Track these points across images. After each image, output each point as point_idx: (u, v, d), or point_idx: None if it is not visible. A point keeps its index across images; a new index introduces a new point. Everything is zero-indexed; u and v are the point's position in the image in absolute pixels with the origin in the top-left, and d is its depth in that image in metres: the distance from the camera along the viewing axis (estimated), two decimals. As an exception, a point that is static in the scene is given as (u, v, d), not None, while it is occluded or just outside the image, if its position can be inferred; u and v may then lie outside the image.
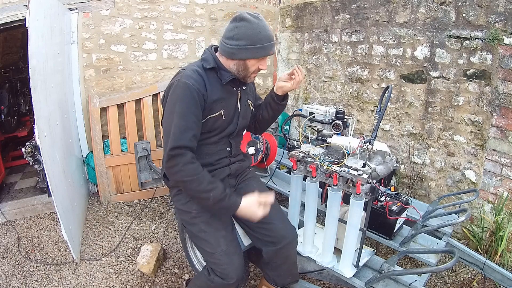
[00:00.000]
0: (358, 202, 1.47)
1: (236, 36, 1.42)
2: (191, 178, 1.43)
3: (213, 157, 1.60)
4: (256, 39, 1.41)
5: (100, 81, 3.19)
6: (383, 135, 3.00)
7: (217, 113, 1.52)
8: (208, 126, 1.52)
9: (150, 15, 3.24)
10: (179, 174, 1.43)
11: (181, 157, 1.42)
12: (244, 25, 1.41)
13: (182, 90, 1.42)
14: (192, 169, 1.43)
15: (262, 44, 1.42)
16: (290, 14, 3.74)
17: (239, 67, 1.49)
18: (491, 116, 2.27)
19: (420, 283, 1.58)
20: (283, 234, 1.60)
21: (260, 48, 1.43)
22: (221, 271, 1.52)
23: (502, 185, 2.27)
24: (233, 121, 1.60)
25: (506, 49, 2.13)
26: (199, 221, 1.58)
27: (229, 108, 1.57)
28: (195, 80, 1.44)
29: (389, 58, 2.82)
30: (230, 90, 1.56)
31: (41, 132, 2.00)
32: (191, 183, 1.43)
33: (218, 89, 1.52)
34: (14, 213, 2.94)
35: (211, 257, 1.56)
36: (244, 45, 1.41)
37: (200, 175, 1.44)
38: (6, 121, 3.85)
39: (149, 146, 3.11)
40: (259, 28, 1.41)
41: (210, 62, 1.51)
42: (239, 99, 1.61)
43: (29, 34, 1.94)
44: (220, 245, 1.53)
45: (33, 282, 2.16)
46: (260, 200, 1.48)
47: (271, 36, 1.46)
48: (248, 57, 1.45)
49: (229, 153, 1.65)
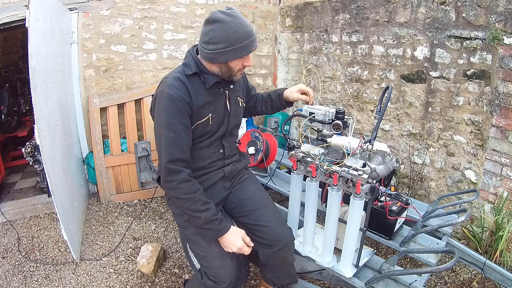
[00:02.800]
0: (358, 202, 1.47)
1: (213, 40, 1.35)
2: (186, 196, 1.42)
3: (206, 161, 1.58)
4: (234, 40, 1.34)
5: (100, 81, 3.19)
6: (383, 135, 3.00)
7: (205, 118, 1.49)
8: (198, 132, 1.50)
9: (150, 15, 3.24)
10: (174, 191, 1.43)
11: (177, 174, 1.40)
12: (219, 27, 1.34)
13: (165, 101, 1.39)
14: (188, 187, 1.42)
15: (241, 43, 1.36)
16: (290, 14, 3.74)
17: (222, 69, 1.45)
18: (491, 116, 2.27)
19: (420, 283, 1.58)
20: (280, 237, 1.58)
21: (240, 48, 1.37)
22: (214, 275, 1.51)
23: (502, 185, 2.27)
24: (223, 123, 1.57)
25: (506, 49, 2.13)
26: (191, 224, 1.57)
27: (218, 111, 1.54)
28: (177, 88, 1.40)
29: (389, 58, 2.82)
30: (216, 92, 1.53)
31: (41, 132, 2.00)
32: (186, 201, 1.43)
33: (203, 94, 1.48)
34: (14, 213, 2.93)
35: (203, 260, 1.55)
36: (222, 48, 1.35)
37: (195, 194, 1.43)
38: (6, 121, 3.84)
39: (149, 146, 3.11)
40: (235, 27, 1.34)
41: (191, 67, 1.46)
42: (227, 99, 1.57)
43: (29, 34, 1.94)
44: (212, 248, 1.52)
45: (33, 282, 2.16)
46: (245, 238, 1.50)
47: (250, 31, 1.38)
48: (229, 59, 1.39)
49: (223, 155, 1.63)
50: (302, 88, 1.72)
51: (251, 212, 1.62)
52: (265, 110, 1.86)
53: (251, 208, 1.63)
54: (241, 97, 1.68)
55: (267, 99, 1.83)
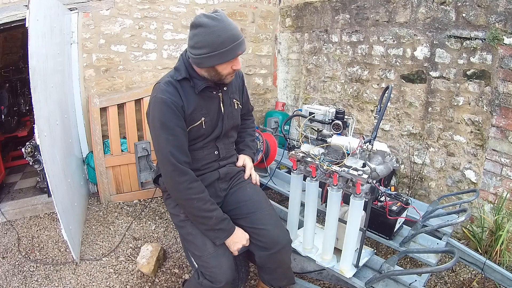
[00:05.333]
0: (358, 202, 1.47)
1: (197, 45, 1.35)
2: (197, 196, 1.44)
3: (200, 162, 1.58)
4: (217, 44, 1.32)
5: (100, 81, 3.19)
6: (383, 135, 3.00)
7: (198, 122, 1.49)
8: (192, 135, 1.51)
9: (150, 15, 3.24)
10: (185, 192, 1.44)
11: (186, 175, 1.43)
12: (202, 31, 1.32)
13: (160, 105, 1.40)
14: (198, 187, 1.46)
15: (225, 47, 1.33)
16: (290, 14, 3.74)
17: (210, 73, 1.44)
18: (491, 116, 2.27)
19: (420, 283, 1.58)
20: (276, 240, 1.58)
21: (224, 53, 1.34)
22: (210, 274, 1.51)
23: (502, 185, 2.27)
24: (218, 125, 1.57)
25: (506, 49, 2.13)
26: (187, 224, 1.58)
27: (211, 114, 1.54)
28: (170, 93, 1.41)
29: (389, 58, 2.82)
30: (208, 95, 1.52)
31: (41, 132, 2.00)
32: (198, 201, 1.44)
33: (195, 98, 1.48)
34: (14, 213, 2.93)
35: (199, 260, 1.55)
36: (206, 53, 1.34)
37: (205, 194, 1.47)
38: (6, 121, 3.84)
39: (149, 146, 3.11)
40: (218, 31, 1.31)
41: (181, 72, 1.46)
42: (221, 102, 1.57)
43: (29, 34, 1.94)
44: (207, 247, 1.52)
45: (33, 282, 2.16)
46: (247, 241, 1.56)
47: (236, 35, 1.35)
48: (214, 63, 1.38)
49: (217, 156, 1.63)
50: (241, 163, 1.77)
51: (248, 214, 1.62)
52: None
53: (248, 211, 1.63)
54: (237, 99, 1.67)
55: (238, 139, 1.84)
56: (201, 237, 1.54)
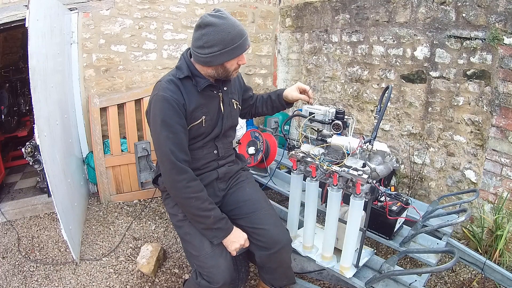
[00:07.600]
0: (358, 202, 1.47)
1: (207, 44, 1.37)
2: (196, 195, 1.44)
3: (200, 162, 1.59)
4: (228, 41, 1.36)
5: (100, 81, 3.19)
6: (383, 135, 3.00)
7: (199, 121, 1.51)
8: (192, 133, 1.51)
9: (150, 15, 3.24)
10: (184, 190, 1.44)
11: (185, 173, 1.43)
12: (211, 30, 1.36)
13: (162, 103, 1.41)
14: (197, 186, 1.46)
15: (235, 43, 1.38)
16: (290, 14, 3.74)
17: (218, 71, 1.46)
18: (491, 116, 2.27)
19: (420, 283, 1.58)
20: (276, 239, 1.58)
21: (235, 48, 1.39)
22: (207, 274, 1.51)
23: (502, 185, 2.27)
24: (217, 125, 1.59)
25: (506, 49, 2.13)
26: (185, 223, 1.58)
27: (212, 113, 1.55)
28: (172, 91, 1.43)
29: (389, 58, 2.82)
30: (209, 94, 1.54)
31: (41, 132, 2.00)
32: (196, 200, 1.44)
33: (196, 97, 1.49)
34: (14, 213, 2.93)
35: (197, 260, 1.55)
36: (217, 50, 1.37)
37: (203, 193, 1.47)
38: (6, 121, 3.84)
39: (149, 146, 3.12)
40: (227, 28, 1.36)
41: (183, 71, 1.48)
42: (221, 101, 1.58)
43: (29, 34, 1.94)
44: (204, 247, 1.52)
45: (33, 282, 2.16)
46: (245, 241, 1.55)
47: (242, 30, 1.40)
48: (225, 60, 1.41)
49: (217, 156, 1.64)
50: (300, 86, 1.73)
51: (247, 214, 1.62)
52: (266, 111, 1.87)
53: (247, 211, 1.63)
54: (236, 100, 1.69)
55: (267, 99, 1.84)
56: (199, 237, 1.54)
